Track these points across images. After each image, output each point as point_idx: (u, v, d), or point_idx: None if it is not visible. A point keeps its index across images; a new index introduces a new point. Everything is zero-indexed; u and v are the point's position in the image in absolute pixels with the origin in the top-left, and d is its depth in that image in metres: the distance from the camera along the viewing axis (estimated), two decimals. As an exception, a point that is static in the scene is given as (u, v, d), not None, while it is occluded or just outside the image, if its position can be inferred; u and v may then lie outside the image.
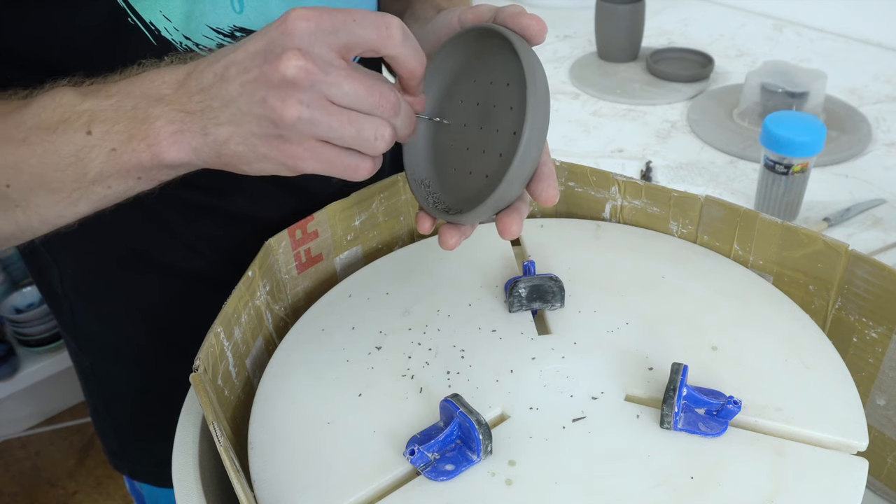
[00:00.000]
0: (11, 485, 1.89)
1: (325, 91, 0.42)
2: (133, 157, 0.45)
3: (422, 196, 0.52)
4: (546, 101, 0.46)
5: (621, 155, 1.19)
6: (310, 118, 0.42)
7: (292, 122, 0.41)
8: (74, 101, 0.46)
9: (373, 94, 0.43)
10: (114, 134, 0.45)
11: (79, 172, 0.46)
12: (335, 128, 0.42)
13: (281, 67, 0.41)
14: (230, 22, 0.56)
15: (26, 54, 0.53)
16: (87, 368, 0.76)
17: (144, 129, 0.44)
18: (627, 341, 0.56)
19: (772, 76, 1.23)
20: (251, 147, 0.43)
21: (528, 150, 0.45)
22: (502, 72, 0.49)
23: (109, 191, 0.47)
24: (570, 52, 1.55)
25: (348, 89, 0.42)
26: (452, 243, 0.49)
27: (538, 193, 0.48)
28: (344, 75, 0.42)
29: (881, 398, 0.58)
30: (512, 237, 0.49)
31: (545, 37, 0.48)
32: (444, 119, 0.51)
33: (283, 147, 0.43)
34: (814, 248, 0.58)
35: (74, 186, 0.46)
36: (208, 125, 0.44)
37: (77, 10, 0.51)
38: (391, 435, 0.49)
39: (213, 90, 0.43)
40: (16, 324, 1.79)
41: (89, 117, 0.45)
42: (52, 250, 0.68)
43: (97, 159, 0.45)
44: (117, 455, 0.80)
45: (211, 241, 0.66)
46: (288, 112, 0.41)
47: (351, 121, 0.43)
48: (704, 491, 0.45)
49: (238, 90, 0.42)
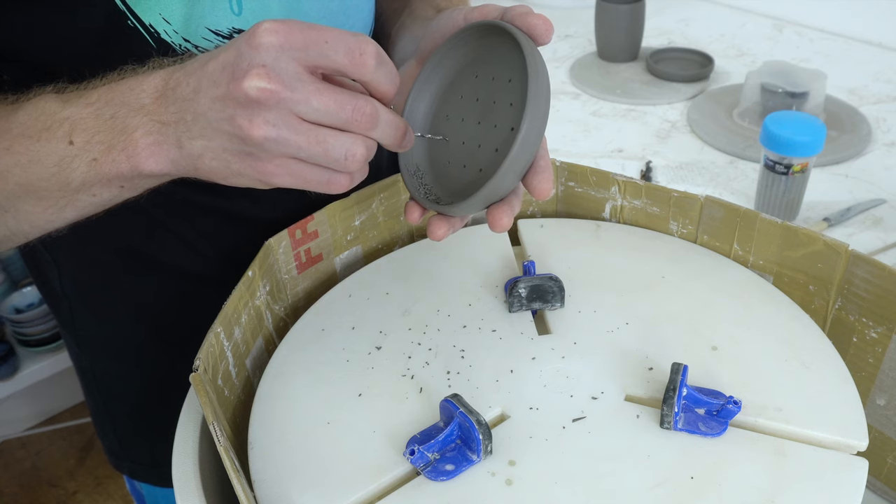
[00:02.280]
0: (11, 485, 1.89)
1: (292, 108, 0.41)
2: (113, 167, 0.45)
3: (413, 186, 0.52)
4: (546, 99, 0.46)
5: (621, 155, 1.19)
6: (276, 137, 0.41)
7: (259, 141, 0.41)
8: (55, 109, 0.46)
9: (344, 108, 0.42)
10: (94, 144, 0.45)
11: (63, 181, 0.46)
12: (303, 147, 0.42)
13: (244, 86, 0.40)
14: (229, 24, 0.56)
15: (26, 57, 0.53)
16: (86, 368, 0.76)
17: (123, 139, 0.44)
18: (627, 341, 0.56)
19: (772, 76, 1.23)
20: (225, 163, 0.44)
21: (524, 146, 0.45)
22: (505, 68, 0.49)
23: (95, 198, 0.48)
24: (570, 52, 1.55)
25: (317, 105, 0.41)
26: (440, 234, 0.49)
27: (533, 186, 0.48)
28: (312, 90, 0.41)
29: (881, 398, 0.58)
30: (502, 230, 0.48)
31: (551, 37, 0.48)
32: (437, 134, 0.52)
33: (255, 164, 0.43)
34: (814, 248, 0.58)
35: (60, 195, 0.47)
36: (182, 138, 0.44)
37: (76, 12, 0.51)
38: (391, 435, 0.49)
39: (187, 103, 0.43)
40: (16, 324, 1.79)
41: (70, 126, 0.45)
42: (52, 250, 0.68)
43: (79, 169, 0.45)
44: (117, 455, 0.80)
45: (211, 241, 0.66)
46: (255, 132, 0.41)
47: (319, 140, 0.42)
48: (704, 491, 0.45)
49: (208, 105, 0.42)
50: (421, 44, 0.55)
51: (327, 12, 0.61)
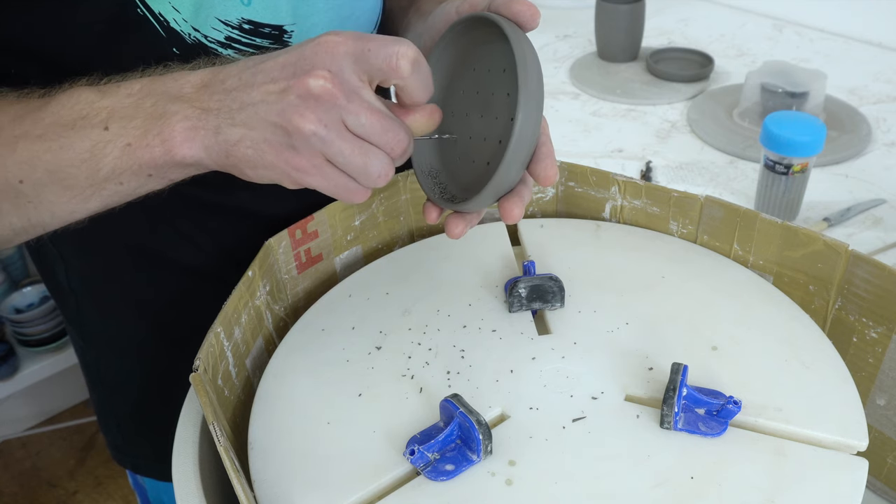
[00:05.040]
0: (11, 485, 1.89)
1: (343, 116, 0.43)
2: (146, 152, 0.45)
3: (428, 187, 0.53)
4: (539, 84, 0.47)
5: (621, 155, 1.19)
6: (325, 136, 0.43)
7: (306, 135, 0.43)
8: (93, 99, 0.46)
9: (387, 133, 0.44)
10: (130, 129, 0.45)
11: (93, 168, 0.46)
12: (346, 153, 0.44)
13: (308, 82, 0.42)
14: (238, 14, 0.56)
15: (36, 46, 0.53)
16: (91, 363, 0.77)
17: (160, 124, 0.45)
18: (627, 341, 0.56)
19: (772, 76, 1.23)
20: (260, 152, 0.44)
21: (523, 134, 0.46)
22: (497, 59, 0.49)
23: (121, 187, 0.48)
24: (570, 52, 1.55)
25: (365, 121, 0.43)
26: (458, 232, 0.51)
27: (538, 173, 0.49)
28: (366, 106, 0.44)
29: (881, 398, 0.58)
30: (514, 221, 0.49)
31: (538, 22, 0.48)
32: (444, 132, 0.52)
33: (291, 158, 0.44)
34: (814, 248, 0.58)
35: (87, 183, 0.47)
36: (222, 125, 0.45)
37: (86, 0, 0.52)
38: (391, 435, 0.49)
39: (236, 93, 0.44)
40: (16, 324, 1.79)
41: (108, 114, 0.46)
42: (59, 245, 0.68)
43: (111, 154, 0.46)
44: (120, 449, 0.80)
45: (214, 237, 0.66)
46: (305, 125, 0.42)
47: (363, 151, 0.44)
48: (704, 491, 0.45)
49: (260, 97, 0.44)
50: (422, 40, 0.56)
51: (334, 4, 0.62)
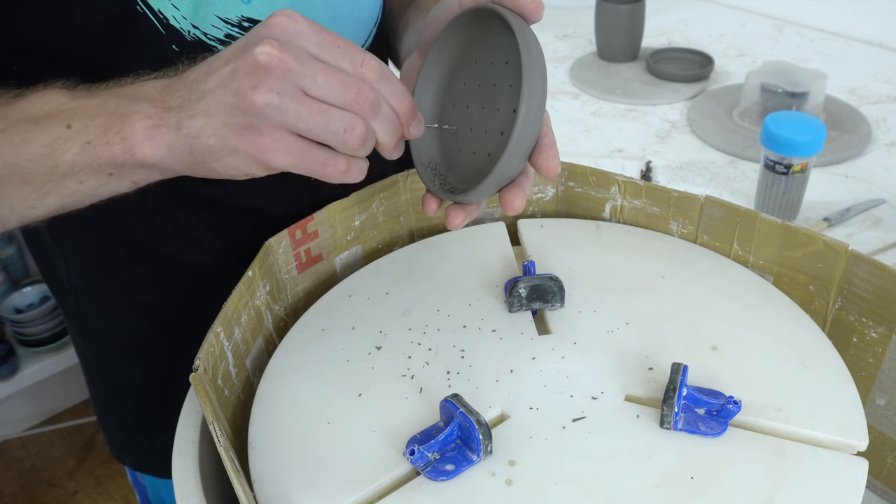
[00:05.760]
0: (11, 485, 1.89)
1: (298, 81, 0.42)
2: (106, 150, 0.45)
3: (428, 178, 0.53)
4: (543, 76, 0.47)
5: (621, 155, 1.19)
6: (278, 105, 0.41)
7: (260, 107, 0.41)
8: (63, 101, 0.46)
9: (348, 90, 0.43)
10: (92, 127, 0.45)
11: (51, 164, 0.46)
12: (303, 117, 0.42)
13: (254, 52, 0.41)
14: (238, 12, 0.56)
15: (36, 45, 0.53)
16: (91, 360, 0.77)
17: (121, 123, 0.45)
18: (627, 341, 0.56)
19: (772, 76, 1.23)
20: (222, 139, 0.43)
21: (526, 125, 0.46)
22: (500, 51, 0.49)
23: (80, 185, 0.47)
24: (570, 52, 1.55)
25: (322, 82, 0.42)
26: (457, 223, 0.50)
27: (540, 164, 0.49)
28: (320, 67, 0.42)
29: (881, 398, 0.58)
30: (515, 212, 0.49)
31: (542, 14, 0.48)
32: (444, 123, 0.52)
33: (253, 138, 0.43)
34: (814, 248, 0.58)
35: (46, 178, 0.47)
36: (183, 118, 0.44)
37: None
38: (391, 435, 0.49)
39: (195, 84, 0.44)
40: (16, 324, 1.79)
41: (72, 113, 0.46)
42: (59, 241, 0.68)
43: (70, 150, 0.45)
44: (120, 447, 0.80)
45: (214, 233, 0.66)
46: (257, 98, 0.41)
47: (320, 110, 0.42)
48: (704, 491, 0.45)
49: (216, 81, 0.43)
50: (422, 35, 0.56)
51: (332, 2, 0.62)
